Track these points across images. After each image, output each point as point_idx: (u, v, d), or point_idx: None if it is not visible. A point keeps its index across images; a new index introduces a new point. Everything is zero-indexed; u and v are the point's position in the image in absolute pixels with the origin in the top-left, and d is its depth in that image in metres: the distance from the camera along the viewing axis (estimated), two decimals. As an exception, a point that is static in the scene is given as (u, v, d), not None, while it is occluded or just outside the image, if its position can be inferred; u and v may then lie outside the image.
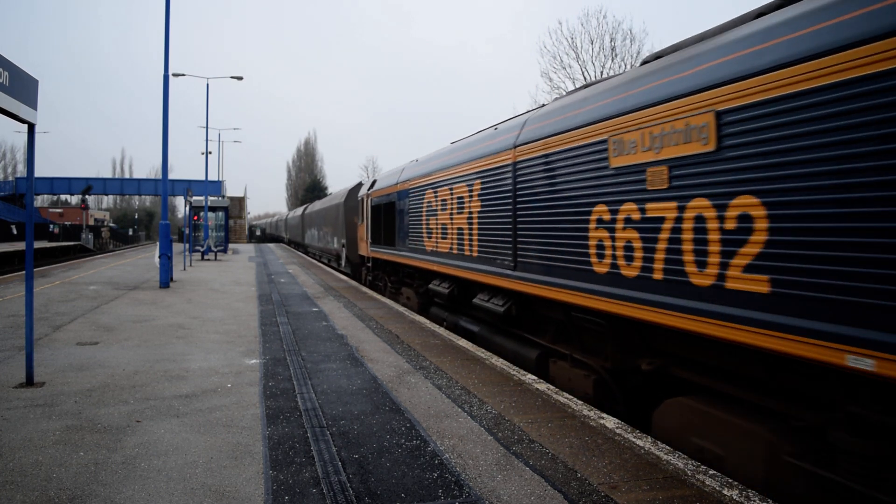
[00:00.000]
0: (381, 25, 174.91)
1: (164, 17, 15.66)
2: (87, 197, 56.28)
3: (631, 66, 27.49)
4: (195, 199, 31.71)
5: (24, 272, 13.80)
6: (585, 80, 28.50)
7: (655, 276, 4.75)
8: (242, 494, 3.67)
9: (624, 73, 6.11)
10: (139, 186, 67.50)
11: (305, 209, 41.13)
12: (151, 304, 12.57)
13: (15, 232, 43.93)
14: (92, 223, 59.15)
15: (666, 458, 4.32)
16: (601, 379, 5.99)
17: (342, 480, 3.88)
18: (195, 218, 30.87)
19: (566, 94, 7.53)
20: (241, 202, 69.58)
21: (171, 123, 15.72)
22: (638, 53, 28.49)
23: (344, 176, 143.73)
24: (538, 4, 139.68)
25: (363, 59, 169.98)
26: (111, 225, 73.38)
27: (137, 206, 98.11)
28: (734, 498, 3.66)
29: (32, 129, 6.02)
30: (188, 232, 27.04)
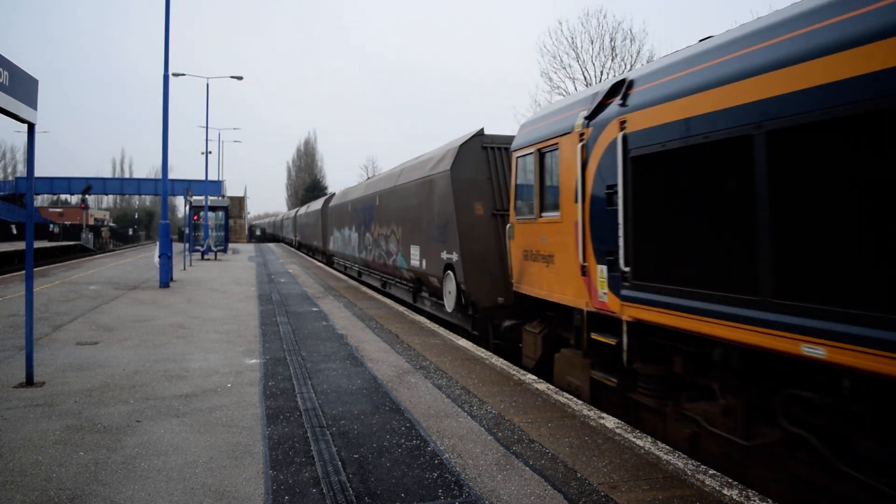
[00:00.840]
0: (381, 24, 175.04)
1: (164, 17, 15.65)
2: (86, 197, 56.32)
3: (631, 66, 27.42)
4: (195, 198, 31.73)
5: (24, 272, 13.78)
6: (585, 79, 28.45)
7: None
8: (242, 494, 3.68)
9: None
10: (139, 186, 67.54)
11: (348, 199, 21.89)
12: (151, 303, 12.58)
13: (15, 232, 43.89)
14: (92, 223, 59.06)
15: (666, 457, 4.32)
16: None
17: (342, 480, 3.88)
18: (195, 218, 30.84)
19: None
20: (241, 202, 69.57)
21: (171, 123, 15.72)
22: (638, 53, 28.48)
23: (345, 176, 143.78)
24: (538, 4, 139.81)
25: (363, 59, 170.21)
26: (111, 225, 73.35)
27: (137, 205, 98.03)
28: (734, 497, 3.66)
29: (32, 128, 6.02)
30: (188, 232, 27.05)
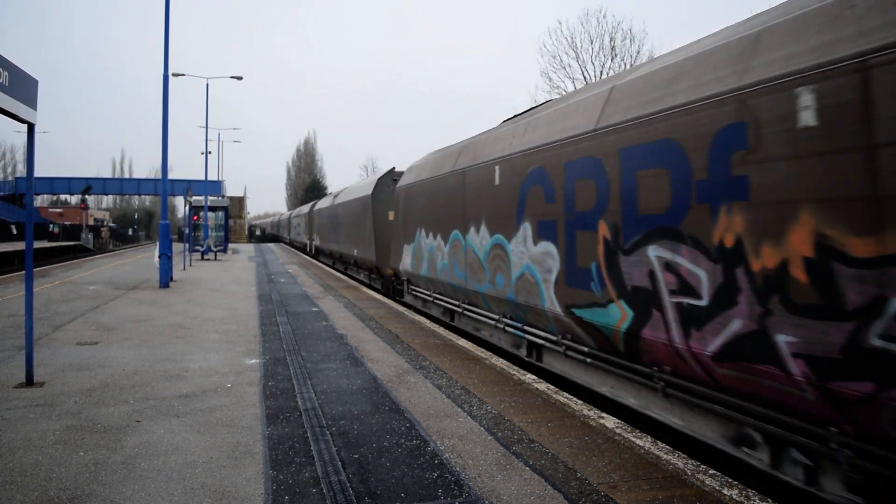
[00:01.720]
0: (380, 25, 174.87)
1: (163, 16, 15.65)
2: (86, 197, 56.22)
3: (630, 65, 27.40)
4: (195, 198, 31.67)
5: (23, 272, 13.78)
6: (585, 79, 28.42)
7: None
8: (242, 494, 3.67)
9: None
10: (139, 186, 67.43)
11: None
12: (151, 303, 12.57)
13: (15, 232, 43.84)
14: (92, 223, 59.00)
15: (666, 457, 4.32)
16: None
17: (342, 480, 3.88)
18: (195, 218, 30.83)
19: None
20: (240, 202, 69.51)
21: (170, 123, 15.69)
22: (637, 53, 28.49)
23: (345, 176, 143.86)
24: (538, 4, 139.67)
25: (363, 59, 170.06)
26: (111, 225, 73.29)
27: (137, 205, 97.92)
28: (734, 497, 3.66)
29: (32, 129, 6.01)
30: (188, 232, 27.03)
